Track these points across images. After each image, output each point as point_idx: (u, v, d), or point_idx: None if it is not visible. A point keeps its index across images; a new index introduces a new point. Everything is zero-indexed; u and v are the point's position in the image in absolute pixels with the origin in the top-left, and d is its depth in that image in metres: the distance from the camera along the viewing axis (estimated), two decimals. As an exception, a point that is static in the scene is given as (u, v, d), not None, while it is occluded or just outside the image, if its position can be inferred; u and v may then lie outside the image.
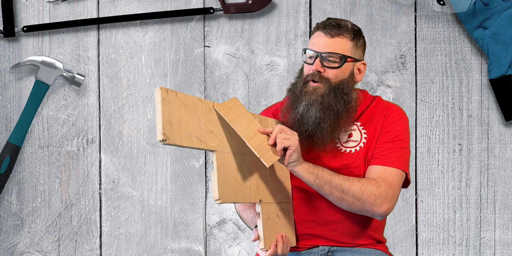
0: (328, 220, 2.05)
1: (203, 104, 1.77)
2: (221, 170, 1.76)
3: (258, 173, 1.92)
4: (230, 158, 1.81)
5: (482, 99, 2.77)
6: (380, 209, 1.96)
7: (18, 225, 2.76)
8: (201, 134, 1.72)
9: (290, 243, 1.99)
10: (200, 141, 1.71)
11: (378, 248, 2.11)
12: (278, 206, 1.97)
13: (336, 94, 2.02)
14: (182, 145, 1.65)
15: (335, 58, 2.01)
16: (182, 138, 1.65)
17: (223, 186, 1.75)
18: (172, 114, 1.64)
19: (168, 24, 2.78)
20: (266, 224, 1.89)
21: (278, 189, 1.99)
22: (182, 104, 1.69)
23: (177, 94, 1.68)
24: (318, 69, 2.01)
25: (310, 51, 2.03)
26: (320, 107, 2.00)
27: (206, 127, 1.75)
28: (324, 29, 2.03)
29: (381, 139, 2.05)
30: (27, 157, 2.76)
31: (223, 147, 1.79)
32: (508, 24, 2.70)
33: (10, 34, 2.72)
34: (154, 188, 2.78)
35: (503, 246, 2.77)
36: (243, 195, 1.82)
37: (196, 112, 1.73)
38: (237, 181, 1.81)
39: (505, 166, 2.77)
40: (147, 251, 2.78)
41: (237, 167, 1.82)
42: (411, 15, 2.78)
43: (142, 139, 2.78)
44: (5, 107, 2.76)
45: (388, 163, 2.01)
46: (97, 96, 2.77)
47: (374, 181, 1.97)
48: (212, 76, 2.78)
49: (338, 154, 2.06)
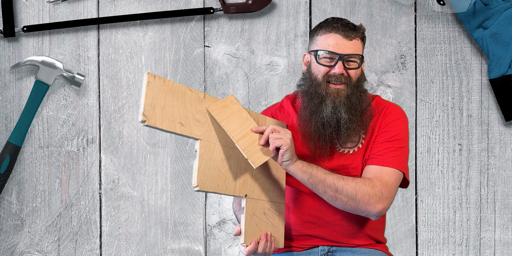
0: (327, 221, 2.05)
1: (192, 93, 1.81)
2: (204, 159, 1.79)
3: (248, 168, 1.92)
4: (216, 149, 1.83)
5: (482, 99, 2.77)
6: (374, 209, 1.95)
7: (18, 225, 2.76)
8: (186, 121, 1.76)
9: (276, 243, 1.98)
10: (183, 127, 1.75)
11: (378, 249, 2.11)
12: (267, 205, 1.97)
13: (359, 93, 2.04)
14: (162, 128, 1.71)
15: (355, 59, 2.03)
16: (164, 122, 1.71)
17: (204, 175, 1.78)
18: (156, 99, 1.70)
19: (168, 24, 2.78)
20: (250, 220, 1.89)
21: (269, 188, 1.99)
22: (169, 91, 1.74)
23: (165, 81, 1.74)
24: (342, 71, 2.01)
25: (327, 53, 2.02)
26: (346, 108, 2.01)
27: (193, 115, 1.79)
28: (342, 31, 2.02)
29: (378, 139, 2.05)
30: (27, 157, 2.76)
31: (210, 137, 1.82)
32: (508, 24, 2.70)
33: (10, 34, 2.72)
34: (154, 188, 2.78)
35: (503, 246, 2.77)
36: (226, 186, 1.84)
37: (183, 100, 1.77)
38: (221, 172, 1.83)
39: (505, 166, 2.77)
40: (147, 251, 2.78)
41: (223, 159, 1.84)
42: (411, 15, 2.78)
43: (142, 139, 2.78)
44: (5, 107, 2.76)
45: (385, 163, 2.01)
46: (97, 96, 2.77)
47: (369, 180, 1.97)
48: (212, 76, 2.78)
49: (337, 155, 2.06)
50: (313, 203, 2.05)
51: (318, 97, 2.03)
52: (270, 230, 1.96)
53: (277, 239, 1.99)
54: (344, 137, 2.03)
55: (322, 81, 2.02)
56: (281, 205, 2.03)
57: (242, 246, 1.91)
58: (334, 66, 2.01)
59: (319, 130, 2.02)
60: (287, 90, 2.75)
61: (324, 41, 2.03)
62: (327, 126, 2.01)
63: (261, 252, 1.93)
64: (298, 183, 2.02)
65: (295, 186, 2.07)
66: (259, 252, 1.93)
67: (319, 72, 2.03)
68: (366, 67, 2.76)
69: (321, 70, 2.03)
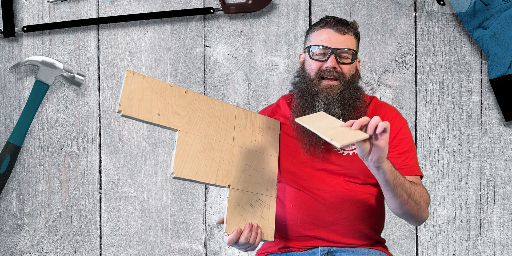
0: (327, 221, 2.05)
1: (173, 88, 1.89)
2: (182, 148, 1.86)
3: (233, 160, 1.97)
4: (196, 140, 1.90)
5: (482, 99, 2.77)
6: (426, 215, 2.02)
7: (18, 225, 2.76)
8: (164, 113, 1.85)
9: (265, 236, 1.97)
10: (160, 117, 1.84)
11: (378, 248, 2.11)
12: (255, 197, 1.99)
13: (353, 89, 2.04)
14: (139, 118, 1.80)
15: (348, 54, 2.03)
16: (140, 112, 1.81)
17: (181, 163, 1.84)
18: (134, 92, 1.81)
19: (168, 24, 2.78)
20: (233, 210, 1.92)
21: (258, 181, 2.01)
22: (147, 86, 1.84)
23: (144, 77, 1.84)
24: (335, 65, 2.01)
25: (320, 48, 2.03)
26: (339, 104, 2.01)
27: (172, 108, 1.87)
28: (335, 26, 2.04)
29: (393, 153, 2.05)
30: (27, 157, 2.76)
31: (190, 129, 1.90)
32: (508, 24, 2.70)
33: (10, 34, 2.72)
34: (154, 188, 2.78)
35: (503, 246, 2.77)
36: (205, 175, 1.89)
37: (163, 95, 1.86)
38: (201, 161, 1.89)
39: (505, 166, 2.77)
40: (147, 251, 2.78)
41: (204, 149, 1.91)
42: (411, 15, 2.78)
43: (142, 139, 2.78)
44: (5, 107, 2.76)
45: (413, 171, 2.05)
46: (97, 96, 2.77)
47: (423, 188, 2.01)
48: (212, 76, 2.78)
49: (336, 156, 2.06)
50: (312, 203, 2.05)
51: (310, 93, 2.03)
52: (257, 221, 1.97)
53: (266, 232, 1.99)
54: None
55: (314, 77, 2.03)
56: (271, 198, 2.04)
57: (225, 235, 1.91)
58: (327, 60, 2.01)
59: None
60: (287, 90, 2.75)
61: (317, 36, 2.05)
62: None
63: (244, 242, 1.91)
64: (294, 180, 2.04)
65: (295, 186, 2.08)
66: (242, 242, 1.91)
67: (311, 68, 2.04)
68: (366, 67, 2.76)
69: (314, 66, 2.04)
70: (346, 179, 2.05)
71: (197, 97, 1.95)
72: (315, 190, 2.05)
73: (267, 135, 2.08)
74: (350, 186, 2.05)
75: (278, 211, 2.10)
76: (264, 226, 1.99)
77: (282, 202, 2.09)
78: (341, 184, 2.05)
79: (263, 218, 1.99)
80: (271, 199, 2.04)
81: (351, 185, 2.05)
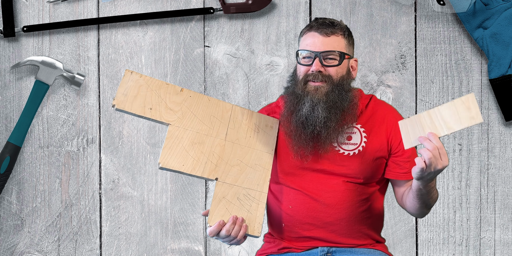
0: (326, 221, 2.05)
1: (168, 86, 1.98)
2: (171, 141, 1.94)
3: (223, 155, 2.00)
4: (187, 133, 1.97)
5: (482, 99, 2.77)
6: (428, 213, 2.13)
7: (18, 225, 2.77)
8: (156, 108, 1.95)
9: (250, 231, 1.96)
10: (153, 112, 1.93)
11: (378, 248, 2.11)
12: (243, 191, 2.00)
13: (340, 91, 2.02)
14: (132, 112, 1.91)
15: (334, 56, 2.01)
16: (133, 106, 1.92)
17: (169, 154, 1.93)
18: (129, 89, 1.92)
19: (168, 24, 2.78)
20: (218, 202, 1.96)
21: (248, 176, 2.02)
22: (143, 84, 1.95)
23: (141, 76, 1.95)
24: (319, 69, 2.00)
25: (305, 52, 2.02)
26: (325, 106, 2.00)
27: (166, 104, 1.96)
28: (318, 29, 2.02)
29: (399, 159, 2.07)
30: (27, 157, 2.76)
31: (182, 124, 1.97)
32: (508, 24, 2.70)
33: (10, 34, 2.72)
34: (154, 188, 2.78)
35: (503, 246, 2.77)
36: (192, 167, 1.95)
37: (158, 92, 1.96)
38: (189, 154, 1.95)
39: (505, 166, 2.77)
40: (147, 251, 2.78)
41: (193, 143, 1.97)
42: (411, 15, 2.78)
43: (142, 139, 2.78)
44: (5, 107, 2.76)
45: None
46: (97, 96, 2.77)
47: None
48: (212, 76, 2.78)
49: (336, 156, 2.06)
50: (311, 204, 2.05)
51: (297, 96, 2.03)
52: (243, 215, 1.97)
53: (252, 227, 1.98)
54: (324, 136, 2.01)
55: (301, 80, 2.02)
56: (262, 194, 2.04)
57: (208, 227, 1.93)
58: (311, 64, 2.01)
59: (299, 129, 2.01)
60: (287, 90, 2.75)
61: (304, 41, 2.05)
62: (307, 125, 2.00)
63: (225, 234, 1.91)
64: (293, 181, 2.04)
65: (295, 187, 2.08)
66: (223, 234, 1.91)
67: (300, 73, 2.04)
68: (366, 67, 2.76)
69: (302, 70, 2.03)
70: (345, 179, 2.05)
71: (192, 95, 2.01)
72: (314, 190, 2.05)
73: (264, 132, 2.09)
74: (349, 186, 2.05)
75: (277, 212, 2.10)
76: (251, 221, 1.98)
77: (281, 203, 2.09)
78: (340, 184, 2.04)
79: (251, 212, 1.99)
80: (262, 195, 2.04)
81: (350, 185, 2.05)
